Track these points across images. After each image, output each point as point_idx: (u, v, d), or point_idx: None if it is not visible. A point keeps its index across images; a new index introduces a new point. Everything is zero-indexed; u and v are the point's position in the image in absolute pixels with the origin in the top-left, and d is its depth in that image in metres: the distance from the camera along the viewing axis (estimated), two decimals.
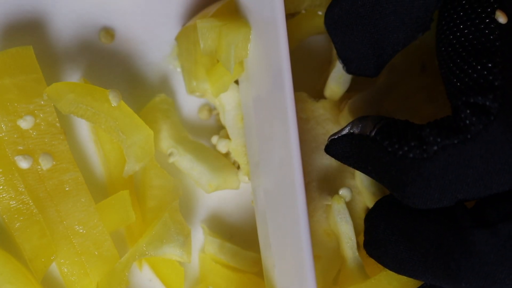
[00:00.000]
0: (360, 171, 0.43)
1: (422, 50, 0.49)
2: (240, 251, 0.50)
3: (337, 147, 0.43)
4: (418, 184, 0.39)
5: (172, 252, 0.47)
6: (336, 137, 0.43)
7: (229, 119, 0.49)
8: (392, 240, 0.41)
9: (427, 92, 0.50)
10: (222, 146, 0.50)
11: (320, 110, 0.49)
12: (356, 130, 0.42)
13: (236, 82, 0.49)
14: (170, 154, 0.49)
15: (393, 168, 0.40)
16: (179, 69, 0.51)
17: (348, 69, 0.44)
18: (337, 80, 0.48)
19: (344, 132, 0.42)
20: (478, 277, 0.38)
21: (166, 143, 0.49)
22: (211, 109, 0.52)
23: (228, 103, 0.49)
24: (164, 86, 0.51)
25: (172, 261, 0.48)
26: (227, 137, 0.50)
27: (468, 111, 0.38)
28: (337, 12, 0.42)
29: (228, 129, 0.49)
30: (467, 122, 0.38)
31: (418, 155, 0.39)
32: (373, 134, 0.41)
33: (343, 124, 0.48)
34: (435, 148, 0.38)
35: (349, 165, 0.43)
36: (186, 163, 0.49)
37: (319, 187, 0.47)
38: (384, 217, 0.42)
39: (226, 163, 0.49)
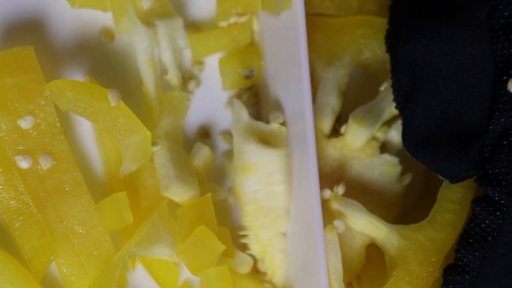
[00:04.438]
0: None
1: None
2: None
3: None
4: None
5: (161, 253, 0.46)
6: None
7: (141, 63, 0.49)
8: None
9: None
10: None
11: (331, 149, 0.50)
12: None
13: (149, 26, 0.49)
14: (154, 144, 0.49)
15: None
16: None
17: (452, 180, 0.44)
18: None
19: None
20: None
21: (158, 133, 0.49)
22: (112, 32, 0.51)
23: (139, 46, 0.49)
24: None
25: (166, 261, 0.48)
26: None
27: None
28: (414, 136, 0.43)
29: (142, 73, 0.49)
30: None
31: None
32: None
33: (347, 137, 0.49)
34: None
35: None
36: (161, 159, 0.48)
37: None
38: None
39: (194, 181, 0.49)
